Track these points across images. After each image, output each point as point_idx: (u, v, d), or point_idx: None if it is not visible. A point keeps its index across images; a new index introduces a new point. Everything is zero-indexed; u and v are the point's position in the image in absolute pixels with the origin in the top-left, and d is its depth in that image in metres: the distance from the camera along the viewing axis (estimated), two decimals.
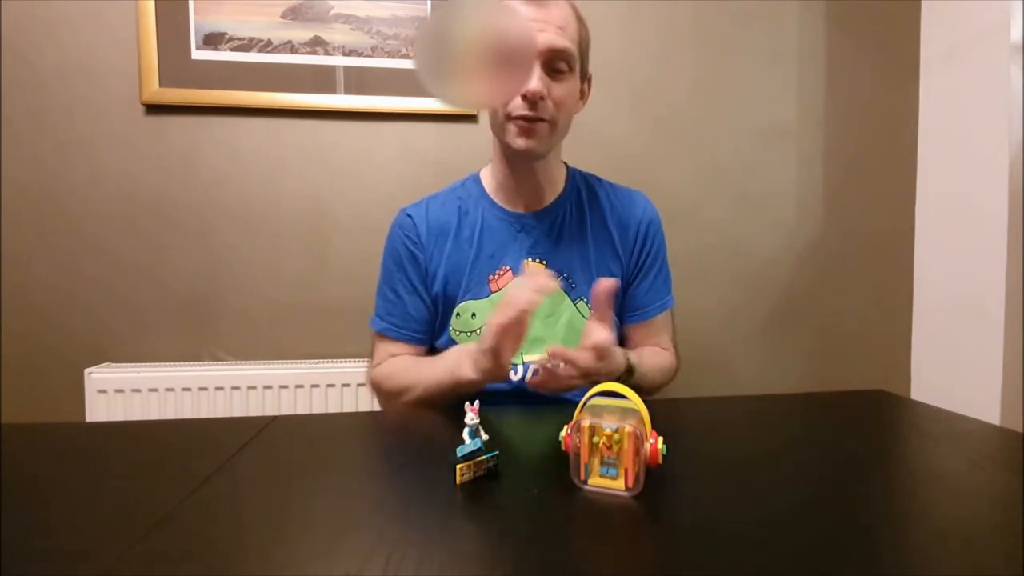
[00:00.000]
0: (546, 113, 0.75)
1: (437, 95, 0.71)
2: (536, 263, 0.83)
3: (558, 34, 0.73)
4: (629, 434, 0.43)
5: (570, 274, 0.83)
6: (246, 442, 0.57)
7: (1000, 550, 0.36)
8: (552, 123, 0.76)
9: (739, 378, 1.39)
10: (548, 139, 0.78)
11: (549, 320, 0.82)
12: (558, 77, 0.75)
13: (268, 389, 1.16)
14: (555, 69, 0.75)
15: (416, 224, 0.85)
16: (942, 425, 0.63)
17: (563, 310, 0.83)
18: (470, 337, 0.82)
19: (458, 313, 0.82)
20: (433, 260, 0.83)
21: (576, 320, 0.83)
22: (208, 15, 1.19)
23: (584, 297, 0.83)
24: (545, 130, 0.76)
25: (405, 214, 0.87)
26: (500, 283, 0.82)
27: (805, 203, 1.40)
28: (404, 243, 0.85)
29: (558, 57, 0.74)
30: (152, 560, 0.35)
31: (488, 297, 0.82)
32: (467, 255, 0.83)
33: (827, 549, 0.36)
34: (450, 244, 0.83)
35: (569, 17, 0.76)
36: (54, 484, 0.48)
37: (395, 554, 0.35)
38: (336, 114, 1.24)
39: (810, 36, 1.37)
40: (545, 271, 0.65)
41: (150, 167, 1.21)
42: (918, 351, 1.42)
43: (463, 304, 0.82)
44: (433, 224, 0.84)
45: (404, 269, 0.84)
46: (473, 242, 0.83)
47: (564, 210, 0.86)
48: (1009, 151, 1.19)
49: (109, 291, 1.21)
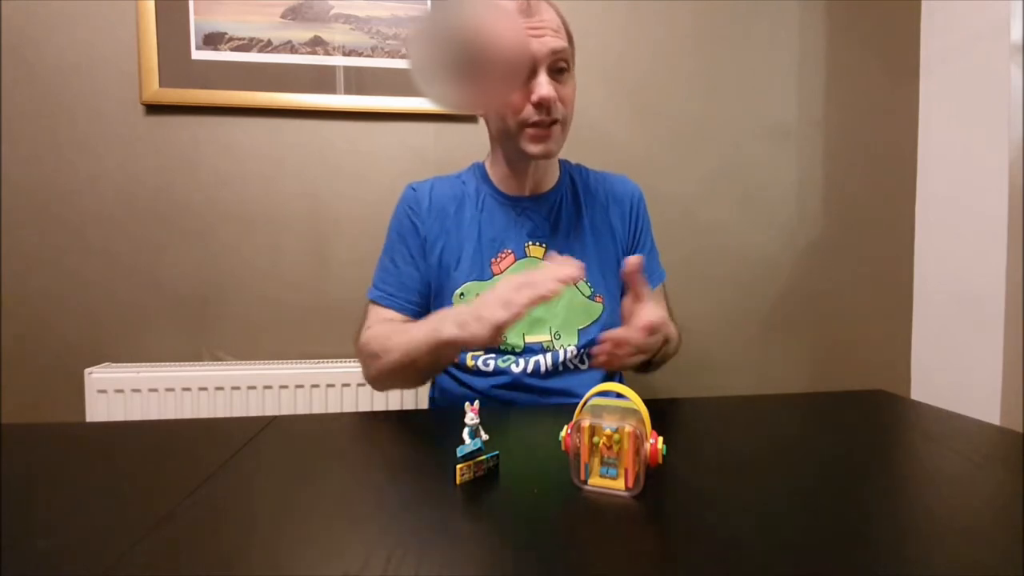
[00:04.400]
0: (558, 114, 0.77)
1: (431, 98, 0.71)
2: (537, 247, 0.84)
3: (556, 36, 0.75)
4: (629, 434, 0.43)
5: (569, 255, 0.84)
6: (246, 442, 0.57)
7: (1000, 550, 0.36)
8: (563, 123, 0.79)
9: (739, 378, 1.39)
10: (560, 139, 0.80)
11: (550, 301, 0.83)
12: (561, 77, 0.77)
13: (268, 389, 1.16)
14: (558, 70, 0.76)
15: (419, 198, 0.87)
16: (942, 425, 0.63)
17: (564, 290, 0.84)
18: None
19: (462, 293, 0.83)
20: (432, 232, 0.85)
21: (576, 300, 0.84)
22: (208, 15, 1.19)
23: (585, 279, 0.85)
24: (558, 131, 0.78)
25: (411, 188, 0.89)
26: (502, 266, 0.84)
27: (805, 203, 1.40)
28: (407, 215, 0.86)
29: (560, 58, 0.75)
30: (152, 560, 0.35)
31: (490, 280, 0.83)
32: (468, 236, 0.84)
33: (827, 549, 0.36)
34: (451, 222, 0.85)
35: (556, 15, 0.78)
36: (54, 484, 0.48)
37: (395, 554, 0.35)
38: (336, 114, 1.24)
39: (810, 36, 1.37)
40: (572, 260, 0.66)
41: (150, 167, 1.21)
42: (918, 351, 1.42)
43: (466, 285, 0.83)
44: (436, 200, 0.86)
45: (404, 240, 0.86)
46: (475, 224, 0.85)
47: (560, 195, 0.88)
48: (1009, 151, 1.19)
49: (109, 291, 1.21)
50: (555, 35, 0.75)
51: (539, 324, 0.83)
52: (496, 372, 0.81)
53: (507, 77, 0.70)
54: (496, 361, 0.81)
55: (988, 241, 1.23)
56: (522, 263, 0.84)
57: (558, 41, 0.75)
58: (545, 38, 0.73)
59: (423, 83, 0.70)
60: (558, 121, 0.77)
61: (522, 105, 0.75)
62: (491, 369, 0.81)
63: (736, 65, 1.36)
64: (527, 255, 0.84)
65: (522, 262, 0.84)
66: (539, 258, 0.84)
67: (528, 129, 0.77)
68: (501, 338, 0.66)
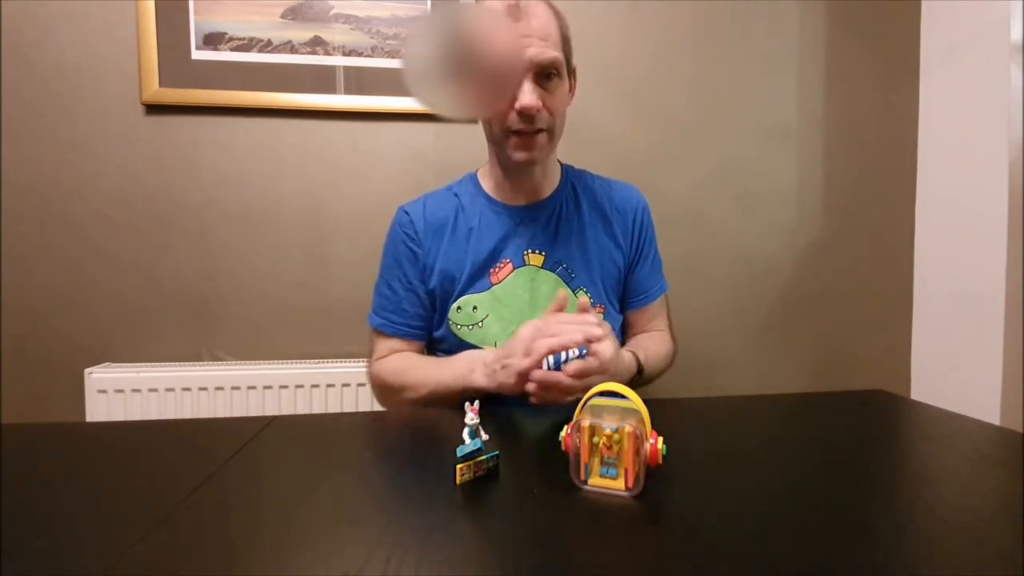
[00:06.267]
0: (542, 123, 0.76)
1: (425, 104, 0.71)
2: (536, 255, 0.84)
3: (543, 46, 0.73)
4: (629, 434, 0.43)
5: (569, 264, 0.85)
6: (246, 442, 0.57)
7: (1000, 550, 0.36)
8: (549, 132, 0.78)
9: (739, 378, 1.39)
10: (547, 148, 0.79)
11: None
12: (548, 85, 0.75)
13: (268, 389, 1.16)
14: (545, 78, 0.75)
15: (414, 221, 0.86)
16: (942, 425, 0.63)
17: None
18: (471, 331, 0.82)
19: (459, 307, 0.83)
20: (431, 255, 0.84)
21: (576, 309, 0.84)
22: (208, 15, 1.19)
23: (584, 287, 0.85)
24: (543, 140, 0.78)
25: (403, 211, 0.88)
26: (500, 275, 0.83)
27: (805, 203, 1.40)
28: (403, 241, 0.85)
29: (545, 68, 0.74)
30: (152, 560, 0.35)
31: (489, 290, 0.83)
32: (465, 249, 0.84)
33: (827, 549, 0.36)
34: (447, 239, 0.84)
35: (550, 22, 0.76)
36: (54, 484, 0.48)
37: (395, 554, 0.35)
38: (336, 114, 1.24)
39: (810, 36, 1.37)
40: (596, 320, 0.68)
41: (150, 167, 1.21)
42: (918, 351, 1.42)
43: (464, 299, 0.83)
44: (431, 220, 0.85)
45: (402, 266, 0.85)
46: (471, 237, 0.84)
47: (560, 202, 0.87)
48: (1009, 151, 1.19)
49: (109, 291, 1.21)
50: (542, 43, 0.73)
51: None
52: None
53: (496, 85, 0.69)
54: None
55: (988, 241, 1.23)
56: (521, 271, 0.83)
57: (545, 52, 0.73)
58: (532, 48, 0.72)
59: (417, 89, 0.70)
60: (543, 130, 0.76)
61: (507, 112, 0.74)
62: None
63: (736, 65, 1.35)
64: (526, 263, 0.84)
65: (521, 270, 0.83)
66: (538, 266, 0.84)
67: (513, 137, 0.76)
68: (526, 386, 0.67)
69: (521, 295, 0.83)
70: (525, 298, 0.83)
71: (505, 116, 0.75)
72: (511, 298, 0.82)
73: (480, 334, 0.82)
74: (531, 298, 0.83)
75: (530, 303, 0.83)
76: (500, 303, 0.82)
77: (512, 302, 0.82)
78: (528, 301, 0.83)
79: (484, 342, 0.81)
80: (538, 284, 0.83)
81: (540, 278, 0.83)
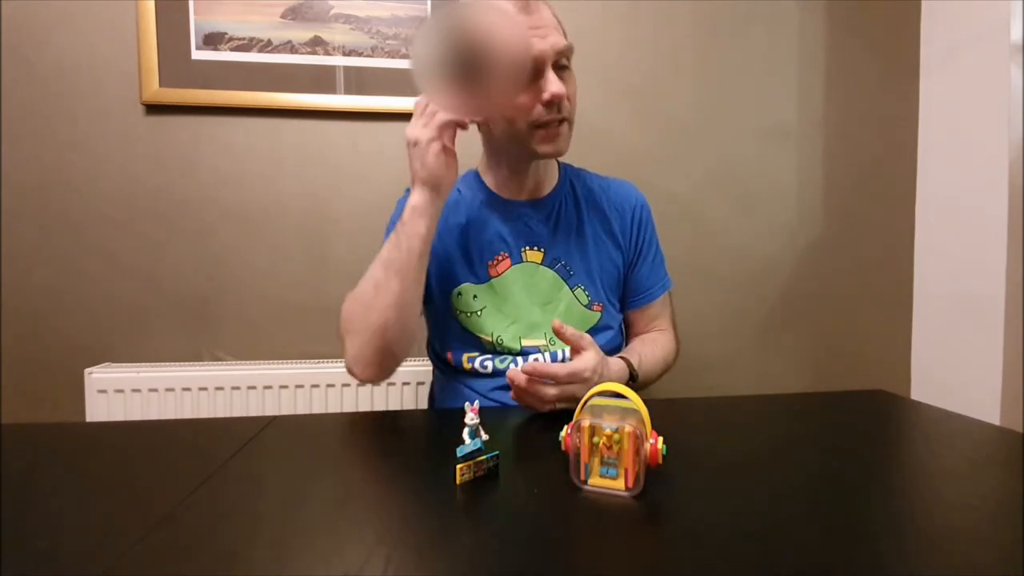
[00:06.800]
0: (566, 112, 0.76)
1: (435, 105, 0.71)
2: (535, 251, 0.84)
3: (557, 33, 0.75)
4: (629, 434, 0.43)
5: (567, 261, 0.85)
6: (246, 442, 0.57)
7: (999, 550, 0.36)
8: (570, 121, 0.78)
9: (739, 378, 1.39)
10: (569, 137, 0.80)
11: (548, 307, 0.84)
12: (564, 73, 0.76)
13: (268, 389, 1.16)
14: (560, 67, 0.76)
15: None
16: (942, 425, 0.63)
17: (561, 297, 0.84)
18: (470, 318, 0.83)
19: (459, 293, 0.83)
20: None
21: (574, 306, 0.84)
22: (208, 15, 1.19)
23: (582, 284, 0.85)
24: (566, 129, 0.78)
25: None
26: (499, 268, 0.83)
27: (805, 203, 1.40)
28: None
29: (563, 55, 0.75)
30: (152, 560, 0.35)
31: (487, 282, 0.83)
32: (465, 239, 0.84)
33: (827, 549, 0.36)
34: (448, 225, 0.84)
35: (552, 14, 0.78)
36: (54, 484, 0.48)
37: (395, 554, 0.35)
38: (336, 114, 1.24)
39: (810, 36, 1.37)
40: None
41: (150, 167, 1.21)
42: (918, 351, 1.42)
43: (464, 286, 0.83)
44: None
45: None
46: (472, 227, 0.84)
47: (560, 200, 0.87)
48: (1009, 151, 1.19)
49: (109, 291, 1.21)
50: (557, 32, 0.75)
51: (535, 329, 0.83)
52: (494, 373, 0.81)
53: (512, 79, 0.69)
54: (494, 362, 0.82)
55: (988, 241, 1.22)
56: (518, 267, 0.83)
57: (560, 39, 0.74)
58: (549, 38, 0.73)
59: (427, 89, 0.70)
60: (566, 119, 0.77)
61: (532, 105, 0.74)
62: (489, 371, 0.81)
63: (736, 65, 1.35)
64: (523, 259, 0.84)
65: (518, 266, 0.83)
66: (537, 262, 0.84)
67: (539, 130, 0.76)
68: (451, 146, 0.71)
69: (519, 291, 0.83)
70: (523, 294, 0.83)
71: (529, 110, 0.74)
72: (508, 293, 0.83)
73: (478, 322, 0.82)
74: (529, 294, 0.83)
75: (528, 299, 0.83)
76: (498, 296, 0.83)
77: (509, 297, 0.83)
78: (526, 297, 0.83)
79: (482, 332, 0.82)
80: (536, 280, 0.84)
81: (538, 275, 0.84)
